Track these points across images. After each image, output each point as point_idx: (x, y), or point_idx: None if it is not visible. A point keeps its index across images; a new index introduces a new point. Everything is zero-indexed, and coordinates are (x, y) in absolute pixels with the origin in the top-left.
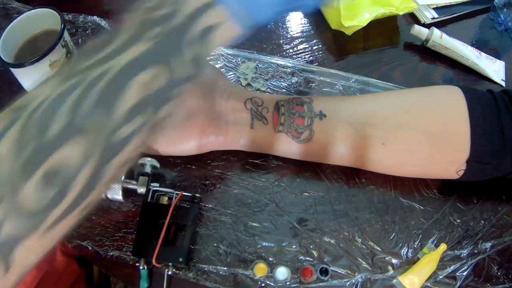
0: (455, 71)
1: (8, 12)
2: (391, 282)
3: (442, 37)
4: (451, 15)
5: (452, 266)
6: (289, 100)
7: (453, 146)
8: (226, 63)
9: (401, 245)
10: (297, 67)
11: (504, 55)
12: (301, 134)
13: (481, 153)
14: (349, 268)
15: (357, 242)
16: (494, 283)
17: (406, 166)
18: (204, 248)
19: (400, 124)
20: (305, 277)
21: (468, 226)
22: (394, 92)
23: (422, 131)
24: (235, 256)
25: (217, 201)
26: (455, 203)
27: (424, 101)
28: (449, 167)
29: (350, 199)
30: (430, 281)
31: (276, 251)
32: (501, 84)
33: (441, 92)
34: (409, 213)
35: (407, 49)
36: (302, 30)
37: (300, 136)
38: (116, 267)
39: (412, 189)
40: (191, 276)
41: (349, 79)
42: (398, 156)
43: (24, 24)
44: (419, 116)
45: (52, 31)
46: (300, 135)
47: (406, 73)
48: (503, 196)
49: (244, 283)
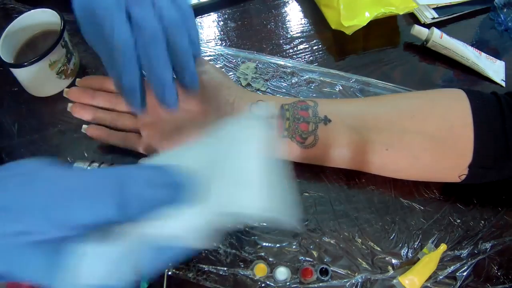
0: (455, 71)
1: (8, 12)
2: (391, 282)
3: (442, 37)
4: (451, 15)
5: (452, 266)
6: (294, 104)
7: (456, 151)
8: (226, 63)
9: (401, 245)
10: (297, 67)
11: (504, 55)
12: (305, 139)
13: (483, 158)
14: (349, 268)
15: (357, 242)
16: (494, 283)
17: (409, 171)
18: (204, 248)
19: (405, 130)
20: (305, 277)
21: (468, 226)
22: (398, 96)
23: (427, 136)
24: (235, 256)
25: None
26: (455, 204)
27: (429, 106)
28: (451, 172)
29: (350, 199)
30: (430, 281)
31: (276, 251)
32: (501, 84)
33: (446, 96)
34: (409, 213)
35: (407, 49)
36: (302, 30)
37: (304, 142)
38: None
39: (412, 190)
40: (191, 276)
41: (349, 79)
42: (402, 161)
43: (24, 24)
44: (424, 121)
45: (52, 31)
46: (305, 141)
47: (406, 73)
48: (503, 196)
49: (244, 283)
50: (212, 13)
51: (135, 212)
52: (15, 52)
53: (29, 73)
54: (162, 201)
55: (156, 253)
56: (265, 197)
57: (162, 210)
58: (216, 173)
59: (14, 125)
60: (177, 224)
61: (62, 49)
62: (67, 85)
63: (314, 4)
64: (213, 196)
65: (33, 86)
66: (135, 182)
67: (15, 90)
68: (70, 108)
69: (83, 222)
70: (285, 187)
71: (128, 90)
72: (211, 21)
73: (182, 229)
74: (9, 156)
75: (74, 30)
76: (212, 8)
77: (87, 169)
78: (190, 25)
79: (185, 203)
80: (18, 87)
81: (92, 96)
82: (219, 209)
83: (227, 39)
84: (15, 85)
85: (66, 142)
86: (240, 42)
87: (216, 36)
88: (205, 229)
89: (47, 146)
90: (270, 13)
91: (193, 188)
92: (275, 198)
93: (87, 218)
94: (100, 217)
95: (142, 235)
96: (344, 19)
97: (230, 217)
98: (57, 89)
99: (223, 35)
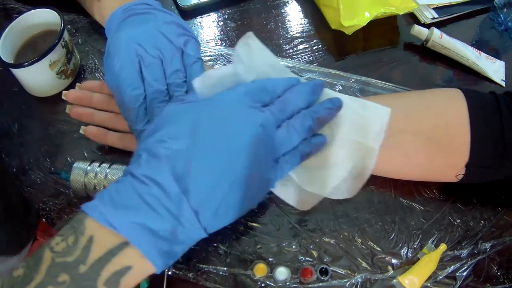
0: (455, 71)
1: (8, 12)
2: (391, 282)
3: (442, 37)
4: (451, 15)
5: (452, 266)
6: None
7: (452, 151)
8: (226, 63)
9: (401, 245)
10: (297, 67)
11: (504, 55)
12: None
13: (480, 158)
14: (349, 268)
15: (357, 242)
16: (494, 283)
17: (404, 171)
18: (204, 248)
19: (398, 130)
20: (305, 277)
21: (468, 226)
22: (394, 96)
23: (421, 136)
24: (235, 256)
25: None
26: (455, 203)
27: (425, 106)
28: (448, 171)
29: (350, 199)
30: (430, 281)
31: (276, 251)
32: (501, 84)
33: (442, 96)
34: (409, 213)
35: (407, 49)
36: (302, 30)
37: None
38: None
39: (412, 189)
40: (191, 276)
41: (349, 79)
42: (396, 161)
43: (24, 24)
44: (419, 121)
45: (52, 31)
46: None
47: (406, 73)
48: (503, 196)
49: (244, 283)
50: (212, 13)
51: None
52: (15, 52)
53: (29, 73)
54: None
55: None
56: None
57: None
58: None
59: (14, 125)
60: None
61: (62, 49)
62: (67, 85)
63: (314, 4)
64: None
65: (33, 86)
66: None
67: (15, 90)
68: (69, 110)
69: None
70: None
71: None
72: (211, 21)
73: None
74: (9, 156)
75: (74, 30)
76: (212, 8)
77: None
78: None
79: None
80: (18, 87)
81: (90, 98)
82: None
83: (227, 39)
84: (15, 85)
85: (66, 142)
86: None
87: (216, 36)
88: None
89: (47, 146)
90: (270, 13)
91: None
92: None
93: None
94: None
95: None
96: (344, 19)
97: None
98: (57, 89)
99: (223, 35)
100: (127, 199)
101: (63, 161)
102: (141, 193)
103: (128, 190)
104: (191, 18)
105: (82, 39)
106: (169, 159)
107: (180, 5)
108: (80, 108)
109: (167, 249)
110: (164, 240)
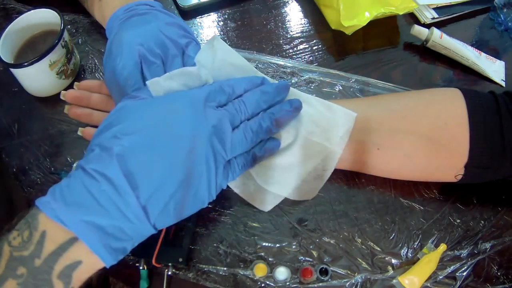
0: (455, 71)
1: (8, 12)
2: (391, 282)
3: (442, 37)
4: (451, 15)
5: (452, 266)
6: None
7: (451, 151)
8: None
9: (401, 245)
10: (297, 67)
11: (504, 55)
12: None
13: (479, 158)
14: (349, 268)
15: (357, 242)
16: (494, 283)
17: (403, 171)
18: (204, 248)
19: (396, 130)
20: (305, 277)
21: (468, 226)
22: (392, 96)
23: (420, 136)
24: (235, 256)
25: (217, 201)
26: (455, 204)
27: (423, 106)
28: (447, 171)
29: (350, 199)
30: (430, 281)
31: (276, 251)
32: (501, 84)
33: (441, 95)
34: (409, 213)
35: (407, 49)
36: (302, 30)
37: None
38: (115, 267)
39: (412, 190)
40: (191, 276)
41: (349, 79)
42: (394, 161)
43: (24, 24)
44: (417, 121)
45: (52, 31)
46: None
47: (406, 73)
48: (503, 196)
49: (244, 283)
50: (212, 13)
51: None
52: (15, 52)
53: (29, 73)
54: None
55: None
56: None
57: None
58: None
59: (14, 125)
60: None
61: (62, 49)
62: (67, 85)
63: (314, 4)
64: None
65: (33, 86)
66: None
67: (15, 90)
68: (67, 110)
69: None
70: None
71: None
72: (211, 21)
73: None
74: (9, 156)
75: (74, 30)
76: (212, 8)
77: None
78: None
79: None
80: (18, 87)
81: (89, 98)
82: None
83: (227, 39)
84: (15, 85)
85: (66, 142)
86: (240, 42)
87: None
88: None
89: (47, 146)
90: (270, 13)
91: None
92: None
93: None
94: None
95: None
96: (344, 19)
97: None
98: (57, 89)
99: (223, 35)
100: (77, 196)
101: (63, 161)
102: (91, 189)
103: (78, 186)
104: (191, 18)
105: (82, 39)
106: (120, 155)
107: (180, 5)
108: (79, 109)
109: (115, 245)
110: (111, 236)
